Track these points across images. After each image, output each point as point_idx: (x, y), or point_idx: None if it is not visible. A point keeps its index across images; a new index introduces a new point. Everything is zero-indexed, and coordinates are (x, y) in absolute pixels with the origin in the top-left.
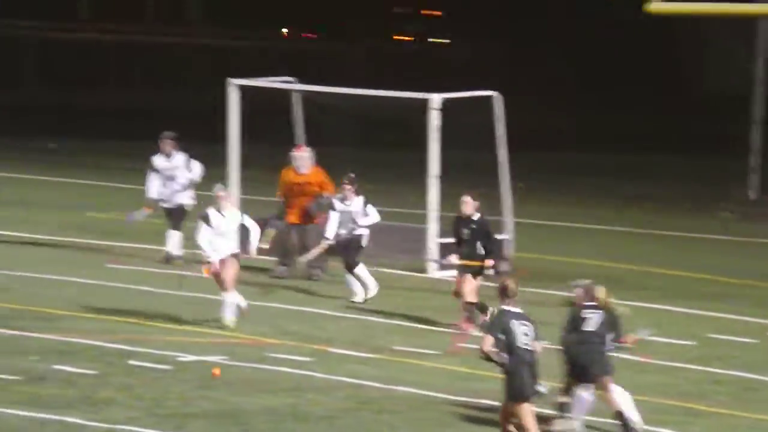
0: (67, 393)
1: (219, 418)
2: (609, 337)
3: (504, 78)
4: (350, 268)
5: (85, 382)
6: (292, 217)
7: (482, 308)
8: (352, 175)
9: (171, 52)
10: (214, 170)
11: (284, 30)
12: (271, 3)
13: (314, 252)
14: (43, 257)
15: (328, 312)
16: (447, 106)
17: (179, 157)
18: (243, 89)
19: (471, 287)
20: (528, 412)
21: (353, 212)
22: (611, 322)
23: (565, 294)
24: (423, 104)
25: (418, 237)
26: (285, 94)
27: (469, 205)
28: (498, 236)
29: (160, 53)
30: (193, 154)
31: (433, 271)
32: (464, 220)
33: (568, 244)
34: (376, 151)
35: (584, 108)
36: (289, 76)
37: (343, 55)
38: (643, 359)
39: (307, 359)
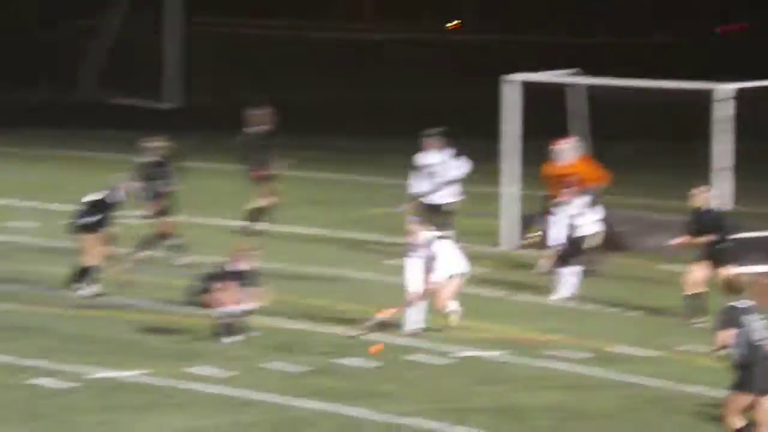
0: (351, 386)
1: (500, 413)
2: None
3: None
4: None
5: (368, 375)
6: None
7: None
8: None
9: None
10: (490, 165)
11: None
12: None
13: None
14: (325, 253)
15: (604, 309)
16: (740, 96)
17: (444, 155)
18: (524, 85)
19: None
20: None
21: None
22: None
23: None
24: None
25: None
26: (561, 89)
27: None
28: None
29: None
30: (460, 152)
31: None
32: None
33: None
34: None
35: None
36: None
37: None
38: None
39: (587, 355)
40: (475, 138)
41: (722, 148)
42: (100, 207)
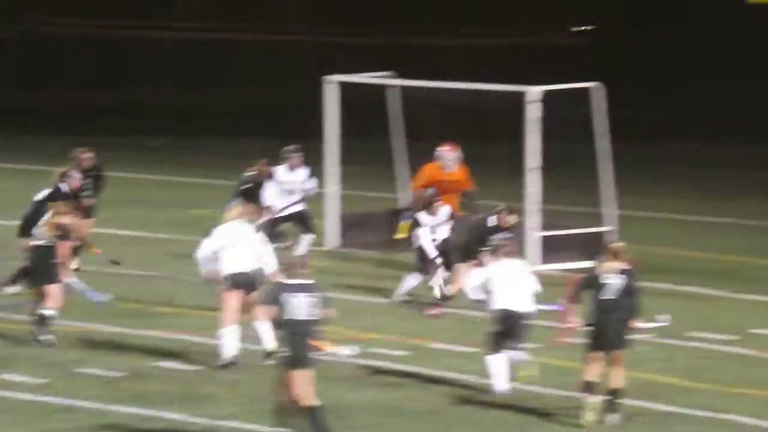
0: (170, 389)
1: None
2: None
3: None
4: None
5: (188, 378)
6: None
7: None
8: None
9: (269, 49)
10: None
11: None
12: None
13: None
14: (147, 254)
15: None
16: (548, 98)
17: (302, 172)
18: (341, 86)
19: None
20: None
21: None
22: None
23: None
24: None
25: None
26: (382, 89)
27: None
28: (600, 228)
29: (260, 51)
30: (312, 171)
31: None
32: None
33: (673, 237)
34: (479, 144)
35: (687, 98)
36: (386, 71)
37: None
38: (752, 352)
39: (406, 353)
40: (305, 139)
41: (533, 148)
42: None
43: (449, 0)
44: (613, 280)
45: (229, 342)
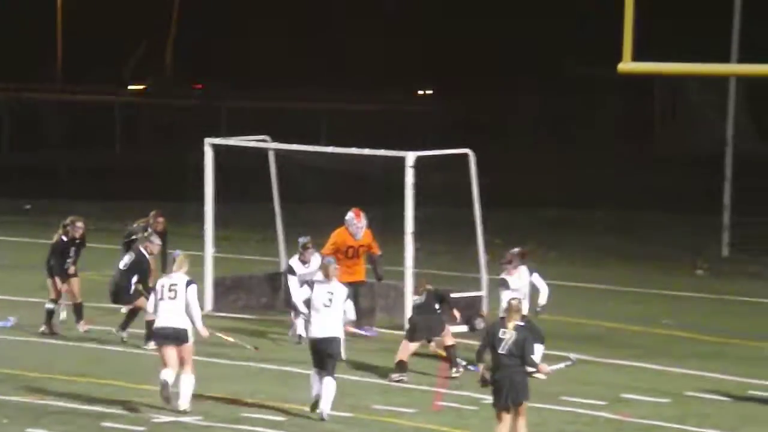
0: None
1: None
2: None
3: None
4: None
5: None
6: (347, 277)
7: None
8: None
9: (151, 111)
10: (186, 228)
11: None
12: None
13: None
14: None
15: (303, 371)
16: (422, 164)
17: (315, 263)
18: (218, 148)
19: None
20: None
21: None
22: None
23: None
24: (400, 162)
25: (395, 294)
26: (262, 152)
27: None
28: (475, 293)
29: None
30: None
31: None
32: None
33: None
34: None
35: (556, 166)
36: (265, 134)
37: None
38: (620, 417)
39: (283, 419)
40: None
41: (408, 213)
42: None
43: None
44: (508, 335)
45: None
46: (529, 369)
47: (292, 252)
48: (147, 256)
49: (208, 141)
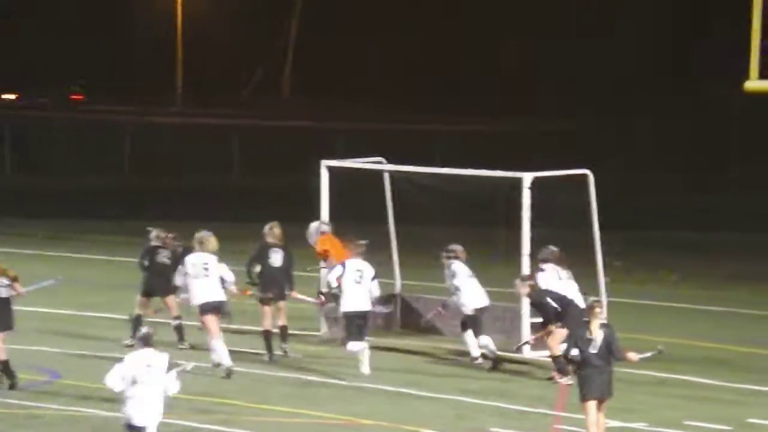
0: None
1: None
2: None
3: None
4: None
5: None
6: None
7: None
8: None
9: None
10: (307, 250)
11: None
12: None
13: None
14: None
15: (422, 393)
16: (538, 185)
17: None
18: (334, 170)
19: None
20: None
21: None
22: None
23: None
24: (516, 183)
25: (512, 316)
26: (377, 174)
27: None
28: None
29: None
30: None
31: (528, 352)
32: None
33: (667, 324)
34: (470, 229)
35: (681, 188)
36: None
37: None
38: None
39: None
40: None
41: (526, 234)
42: None
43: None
44: (597, 335)
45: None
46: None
47: (407, 273)
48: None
49: (324, 163)
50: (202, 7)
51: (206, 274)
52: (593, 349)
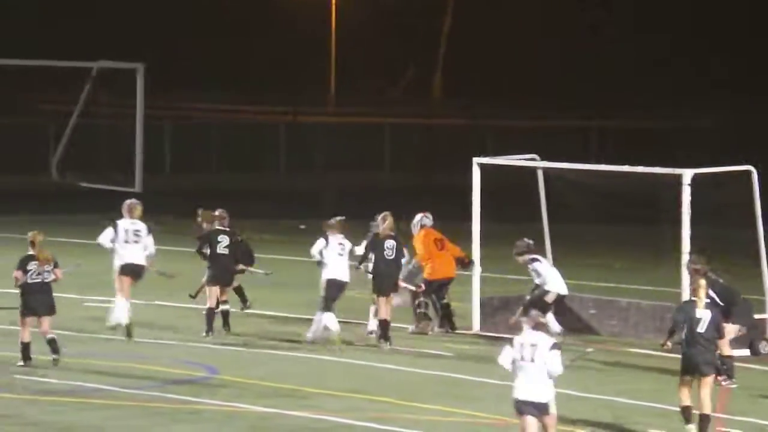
0: None
1: None
2: None
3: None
4: None
5: None
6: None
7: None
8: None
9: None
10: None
11: None
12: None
13: None
14: (289, 334)
15: (577, 393)
16: (699, 181)
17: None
18: (486, 167)
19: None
20: None
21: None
22: None
23: None
24: (674, 179)
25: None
26: (531, 171)
27: None
28: (759, 316)
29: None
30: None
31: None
32: None
33: None
34: (625, 227)
35: None
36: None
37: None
38: None
39: None
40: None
41: (686, 232)
42: None
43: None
44: (704, 315)
45: None
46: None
47: (562, 270)
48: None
49: (476, 160)
50: (354, 6)
51: (136, 240)
52: (701, 329)
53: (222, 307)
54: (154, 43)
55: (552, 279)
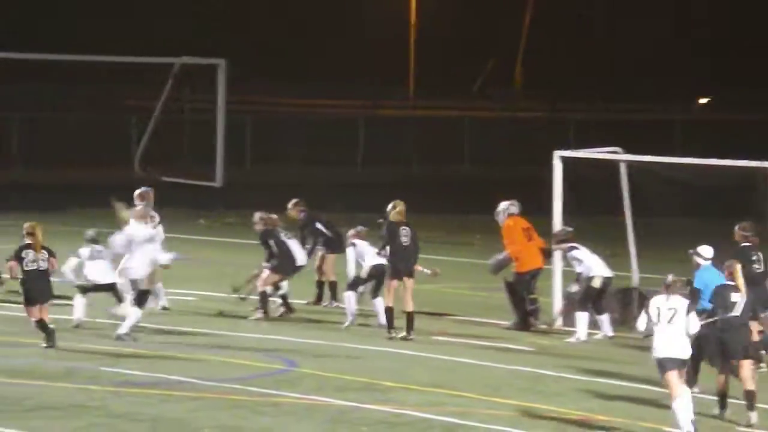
0: None
1: None
2: None
3: None
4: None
5: None
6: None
7: None
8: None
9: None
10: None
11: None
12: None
13: None
14: (367, 329)
15: (656, 389)
16: None
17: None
18: (568, 160)
19: None
20: None
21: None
22: None
23: None
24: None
25: None
26: (613, 164)
27: None
28: None
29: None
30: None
31: None
32: None
33: None
34: (712, 221)
35: None
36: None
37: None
38: None
39: None
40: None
41: None
42: None
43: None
44: (741, 298)
45: None
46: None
47: (645, 267)
48: None
49: (558, 153)
50: None
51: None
52: (737, 311)
53: (280, 291)
54: (236, 37)
55: (595, 264)
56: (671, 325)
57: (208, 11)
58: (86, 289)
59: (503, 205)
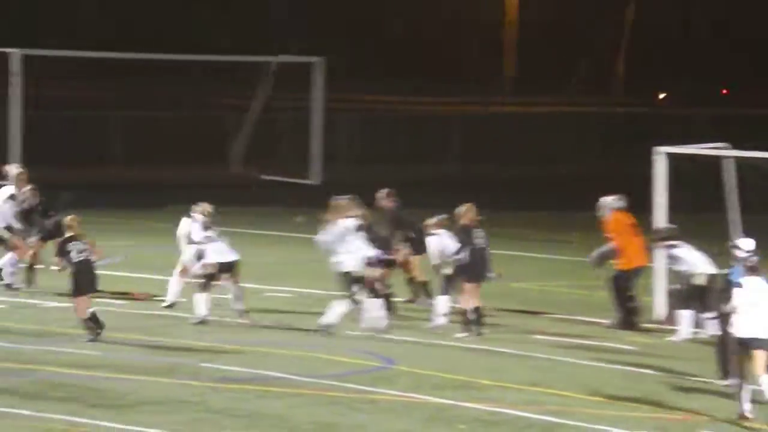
0: None
1: None
2: None
3: None
4: None
5: None
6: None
7: None
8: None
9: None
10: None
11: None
12: None
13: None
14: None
15: (758, 388)
16: None
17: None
18: (671, 157)
19: None
20: None
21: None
22: None
23: None
24: None
25: None
26: (718, 161)
27: None
28: None
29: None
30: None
31: None
32: None
33: None
34: None
35: None
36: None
37: None
38: None
39: None
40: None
41: None
42: None
43: None
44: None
45: None
46: None
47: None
48: None
49: (659, 149)
50: None
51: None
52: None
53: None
54: (334, 36)
55: (698, 261)
56: (756, 305)
57: (310, 8)
58: (207, 280)
59: (608, 199)
